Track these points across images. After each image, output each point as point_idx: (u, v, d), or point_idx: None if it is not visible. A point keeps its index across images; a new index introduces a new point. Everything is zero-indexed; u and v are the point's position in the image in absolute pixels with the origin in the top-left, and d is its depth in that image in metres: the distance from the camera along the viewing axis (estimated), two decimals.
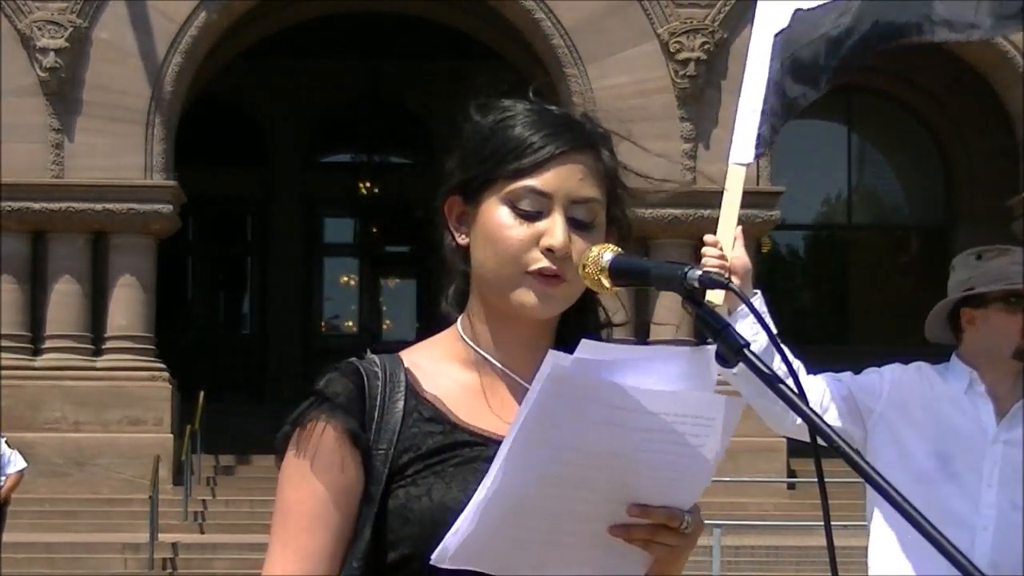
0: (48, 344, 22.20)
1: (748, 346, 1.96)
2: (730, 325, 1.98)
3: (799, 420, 4.18)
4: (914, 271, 29.65)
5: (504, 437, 2.06)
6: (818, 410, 4.21)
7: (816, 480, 2.03)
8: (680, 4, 22.80)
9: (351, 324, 33.07)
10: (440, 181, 2.21)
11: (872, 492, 4.20)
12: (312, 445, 2.06)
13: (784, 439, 21.81)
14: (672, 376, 1.99)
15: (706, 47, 22.63)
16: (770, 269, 29.29)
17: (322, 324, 32.73)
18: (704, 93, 22.66)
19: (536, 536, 1.96)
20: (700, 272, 1.99)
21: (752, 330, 3.93)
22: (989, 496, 4.23)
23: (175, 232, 23.52)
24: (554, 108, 2.17)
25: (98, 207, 22.03)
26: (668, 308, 21.73)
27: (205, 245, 31.86)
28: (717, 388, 2.06)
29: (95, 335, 22.37)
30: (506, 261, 2.08)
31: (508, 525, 1.93)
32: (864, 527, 4.39)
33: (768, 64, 4.47)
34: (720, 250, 4.12)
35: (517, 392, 2.13)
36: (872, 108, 29.82)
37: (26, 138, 21.96)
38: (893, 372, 4.39)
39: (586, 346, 1.92)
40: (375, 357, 2.14)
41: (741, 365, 4.02)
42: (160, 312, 23.33)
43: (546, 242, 2.07)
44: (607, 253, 2.09)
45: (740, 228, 4.18)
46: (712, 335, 1.98)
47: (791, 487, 22.03)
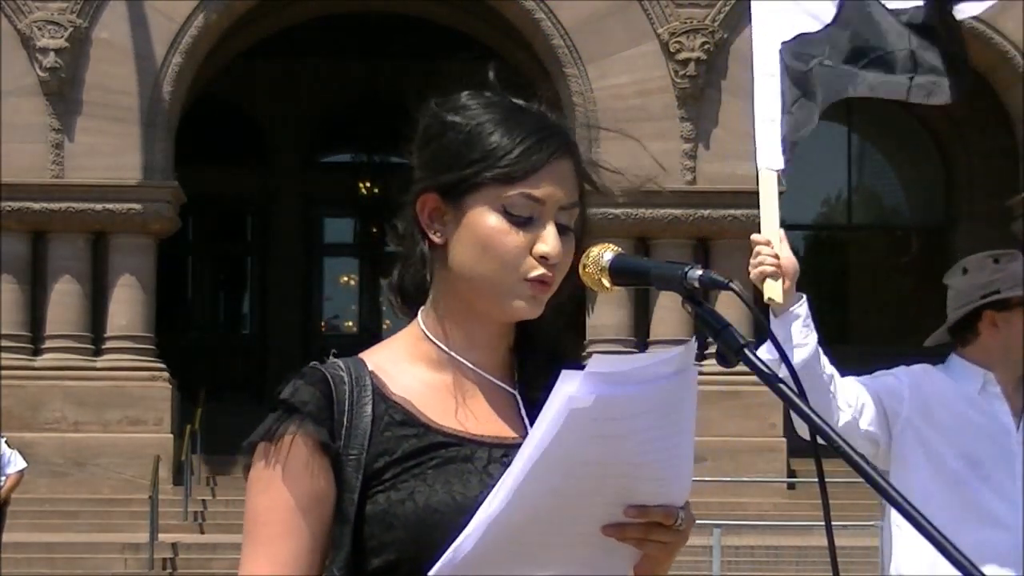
0: (48, 344, 22.20)
1: (747, 346, 1.95)
2: (730, 325, 1.98)
3: (843, 420, 4.19)
4: (914, 271, 29.64)
5: (478, 436, 2.07)
6: (854, 413, 4.20)
7: (816, 480, 2.03)
8: (680, 4, 22.79)
9: (351, 324, 33.06)
10: (410, 175, 2.18)
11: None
12: (281, 455, 2.05)
13: (784, 439, 21.80)
14: (663, 375, 1.98)
15: (706, 47, 22.63)
16: None
17: (322, 324, 32.72)
18: (704, 93, 22.65)
19: (532, 540, 1.96)
20: (700, 272, 1.99)
21: (802, 334, 3.98)
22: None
23: (175, 232, 23.52)
24: (525, 104, 2.15)
25: (98, 207, 22.03)
26: (668, 308, 21.75)
27: (205, 245, 31.84)
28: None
29: (95, 335, 22.37)
30: (502, 268, 2.07)
31: (510, 537, 1.93)
32: (864, 527, 4.40)
33: (778, 73, 4.50)
34: (772, 248, 4.18)
35: (486, 389, 2.12)
36: (872, 108, 29.80)
37: (26, 138, 21.96)
38: (908, 375, 4.38)
39: (596, 361, 1.91)
40: (339, 361, 2.12)
41: (803, 360, 4.05)
42: (160, 312, 23.33)
43: (540, 249, 2.06)
44: (607, 253, 2.09)
45: (783, 231, 4.27)
46: (712, 335, 1.98)
47: (791, 487, 22.01)
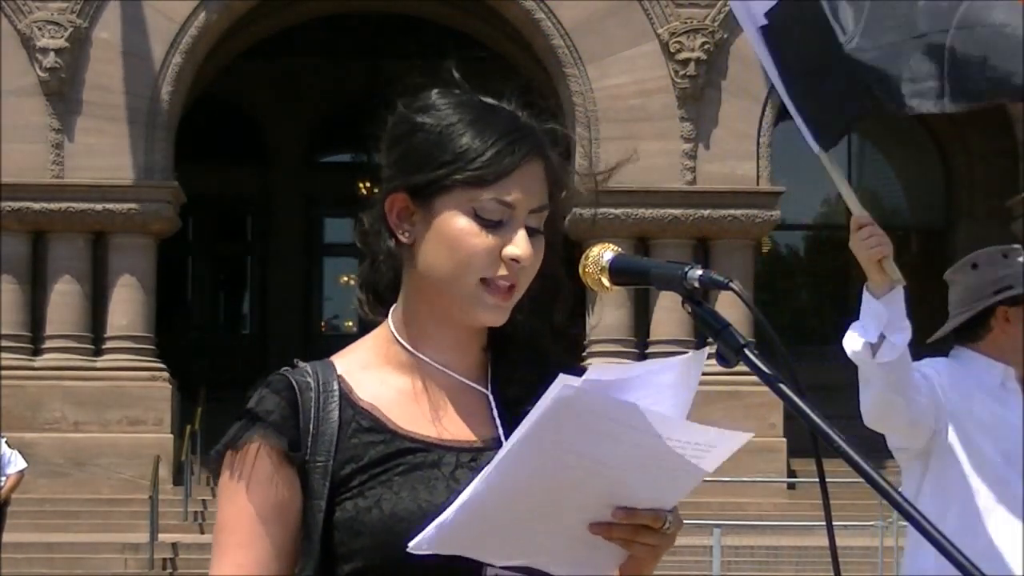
0: (48, 344, 22.20)
1: (747, 346, 1.95)
2: (730, 325, 1.97)
3: (914, 418, 4.09)
4: (914, 271, 29.51)
5: (446, 441, 2.06)
6: (925, 403, 4.11)
7: (817, 480, 2.03)
8: (680, 4, 22.79)
9: (351, 324, 33.05)
10: (378, 174, 2.15)
11: (918, 489, 4.17)
12: (246, 465, 2.05)
13: (784, 439, 21.80)
14: (667, 384, 1.99)
15: (706, 47, 22.62)
16: (770, 269, 29.27)
17: (322, 324, 32.73)
18: (704, 93, 22.65)
19: (516, 524, 1.95)
20: (700, 272, 1.98)
21: (903, 315, 3.94)
22: None
23: (175, 232, 23.52)
24: (495, 103, 2.12)
25: (98, 207, 22.03)
26: (668, 308, 21.75)
27: (205, 245, 31.84)
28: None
29: (95, 335, 22.37)
30: (467, 270, 2.05)
31: (491, 517, 1.93)
32: (864, 527, 4.39)
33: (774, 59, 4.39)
34: (872, 224, 4.20)
35: (456, 392, 2.11)
36: None
37: (26, 138, 21.96)
38: (939, 368, 4.32)
39: (596, 369, 1.91)
40: (306, 366, 2.13)
41: (887, 354, 3.98)
42: (160, 312, 23.33)
43: (511, 252, 2.04)
44: (607, 253, 2.08)
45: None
46: (712, 335, 1.97)
47: (791, 487, 22.01)
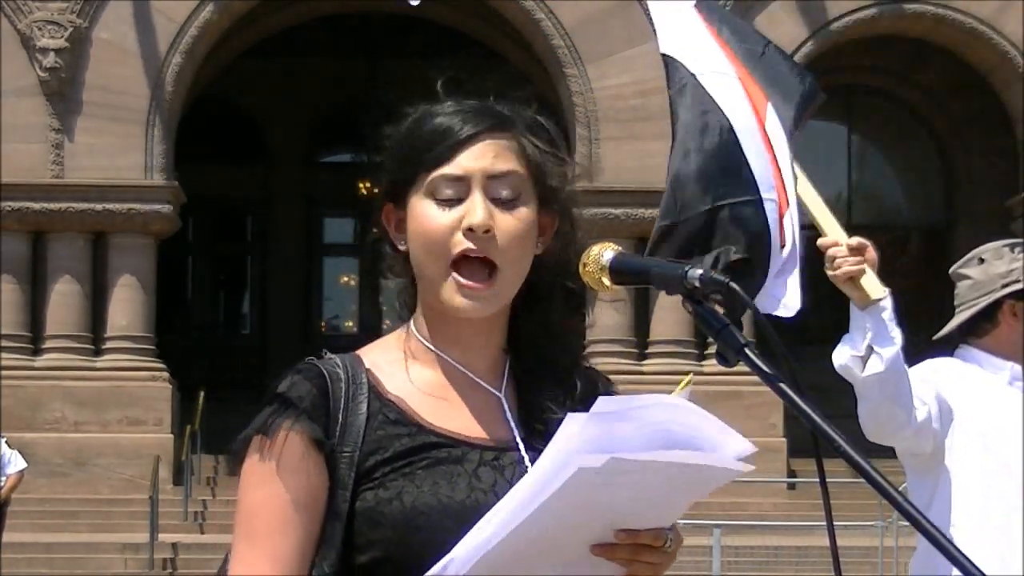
0: (48, 344, 22.20)
1: (747, 345, 1.95)
2: (730, 324, 1.97)
3: (916, 424, 4.04)
4: (914, 271, 29.61)
5: (470, 437, 2.08)
6: (928, 410, 4.08)
7: (817, 480, 2.03)
8: None
9: (351, 324, 33.05)
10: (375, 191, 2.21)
11: (933, 492, 4.16)
12: (276, 450, 2.04)
13: (784, 439, 21.78)
14: (669, 422, 1.96)
15: None
16: None
17: (322, 324, 32.71)
18: None
19: (521, 561, 1.96)
20: (700, 271, 1.98)
21: (890, 327, 3.93)
22: None
23: (175, 232, 23.52)
24: (473, 100, 2.15)
25: (98, 207, 22.03)
26: (668, 308, 21.74)
27: (205, 245, 31.84)
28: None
29: (95, 335, 22.37)
30: (433, 253, 2.08)
31: (499, 562, 1.94)
32: (864, 527, 4.37)
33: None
34: (844, 245, 4.18)
35: (473, 390, 2.14)
36: (872, 108, 29.79)
37: (26, 138, 21.96)
38: (944, 368, 4.29)
39: (603, 402, 1.91)
40: (335, 357, 2.13)
41: (876, 366, 3.93)
42: (160, 312, 23.33)
43: (466, 221, 2.06)
44: (608, 252, 2.08)
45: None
46: (712, 335, 1.97)
47: (791, 487, 22.01)
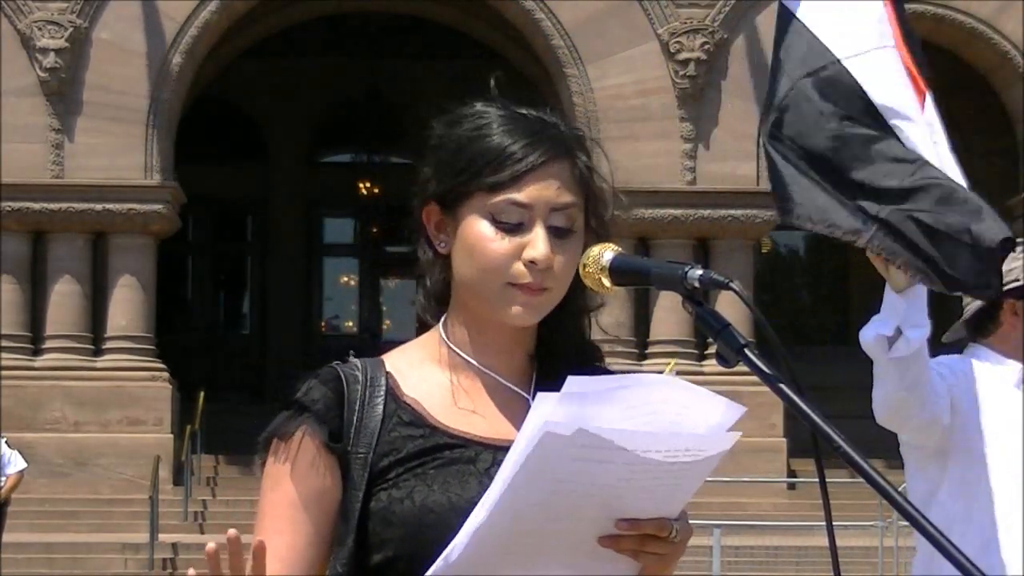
0: (48, 344, 22.18)
1: (747, 346, 1.95)
2: (730, 325, 1.97)
3: (927, 417, 3.98)
4: None
5: (485, 438, 2.10)
6: (943, 402, 4.04)
7: (817, 480, 2.03)
8: (680, 4, 22.78)
9: (351, 324, 33.04)
10: (416, 186, 2.23)
11: (935, 489, 4.15)
12: (290, 452, 2.10)
13: (784, 439, 21.78)
14: (663, 406, 1.97)
15: (706, 47, 22.61)
16: (770, 269, 29.26)
17: (322, 324, 32.71)
18: (704, 93, 22.64)
19: (525, 548, 1.97)
20: (700, 272, 1.99)
21: (924, 312, 3.82)
22: None
23: (175, 232, 23.51)
24: (526, 111, 2.16)
25: (98, 207, 22.02)
26: (668, 308, 21.74)
27: (205, 245, 31.83)
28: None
29: (95, 335, 22.36)
30: (490, 275, 2.10)
31: (500, 543, 1.95)
32: (864, 527, 4.35)
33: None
34: None
35: (498, 393, 2.16)
36: None
37: (26, 138, 21.95)
38: (952, 365, 4.22)
39: (573, 382, 1.91)
40: (357, 361, 2.17)
41: (902, 349, 3.85)
42: (160, 312, 23.32)
43: (529, 254, 2.08)
44: (608, 252, 2.09)
45: None
46: (712, 335, 1.98)
47: (791, 487, 22.00)
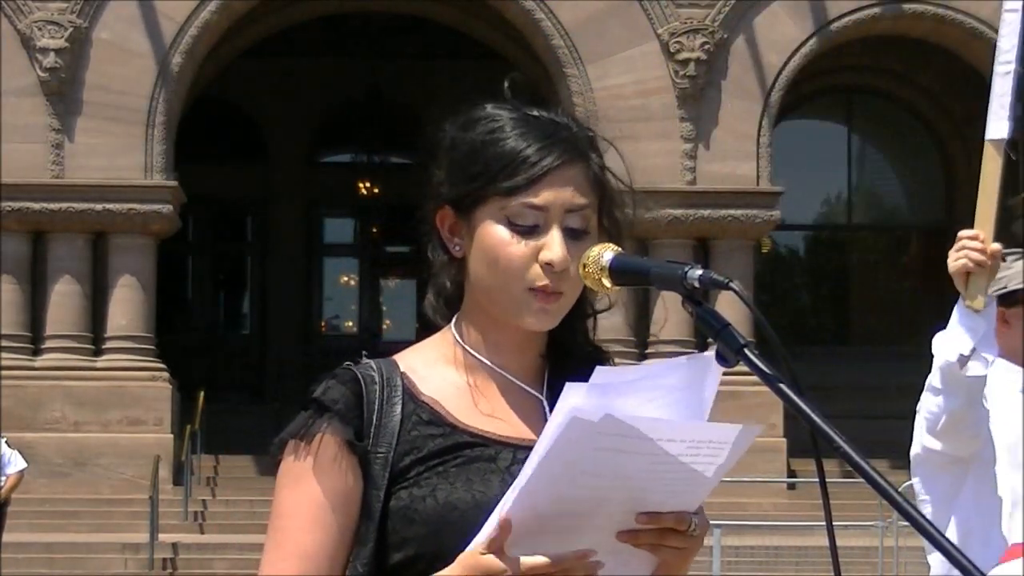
0: (48, 344, 22.19)
1: (747, 346, 1.95)
2: (729, 325, 1.97)
3: (976, 432, 3.89)
4: (914, 271, 29.63)
5: (504, 437, 2.11)
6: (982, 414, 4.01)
7: (817, 480, 2.03)
8: (680, 4, 22.78)
9: (351, 324, 33.04)
10: (427, 188, 2.21)
11: (955, 495, 4.13)
12: (311, 452, 2.09)
13: (784, 439, 21.78)
14: (676, 387, 2.00)
15: (706, 47, 22.62)
16: (770, 269, 29.27)
17: (322, 324, 32.70)
18: (704, 93, 22.65)
19: (546, 543, 1.97)
20: (700, 272, 1.99)
21: (976, 327, 3.80)
22: None
23: (175, 232, 23.51)
24: (539, 113, 2.17)
25: (98, 207, 22.02)
26: (667, 309, 21.73)
27: (205, 245, 31.83)
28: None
29: (95, 335, 22.36)
30: (508, 279, 2.10)
31: (523, 539, 1.96)
32: (864, 527, 4.34)
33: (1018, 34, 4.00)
34: (982, 242, 3.83)
35: (513, 393, 2.17)
36: (872, 108, 29.80)
37: (26, 138, 21.95)
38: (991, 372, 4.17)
39: (600, 373, 1.93)
40: (371, 362, 2.16)
41: (978, 369, 3.81)
42: (160, 312, 23.32)
43: (545, 256, 2.09)
44: (607, 252, 2.09)
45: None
46: (712, 335, 1.98)
47: (791, 487, 22.01)
